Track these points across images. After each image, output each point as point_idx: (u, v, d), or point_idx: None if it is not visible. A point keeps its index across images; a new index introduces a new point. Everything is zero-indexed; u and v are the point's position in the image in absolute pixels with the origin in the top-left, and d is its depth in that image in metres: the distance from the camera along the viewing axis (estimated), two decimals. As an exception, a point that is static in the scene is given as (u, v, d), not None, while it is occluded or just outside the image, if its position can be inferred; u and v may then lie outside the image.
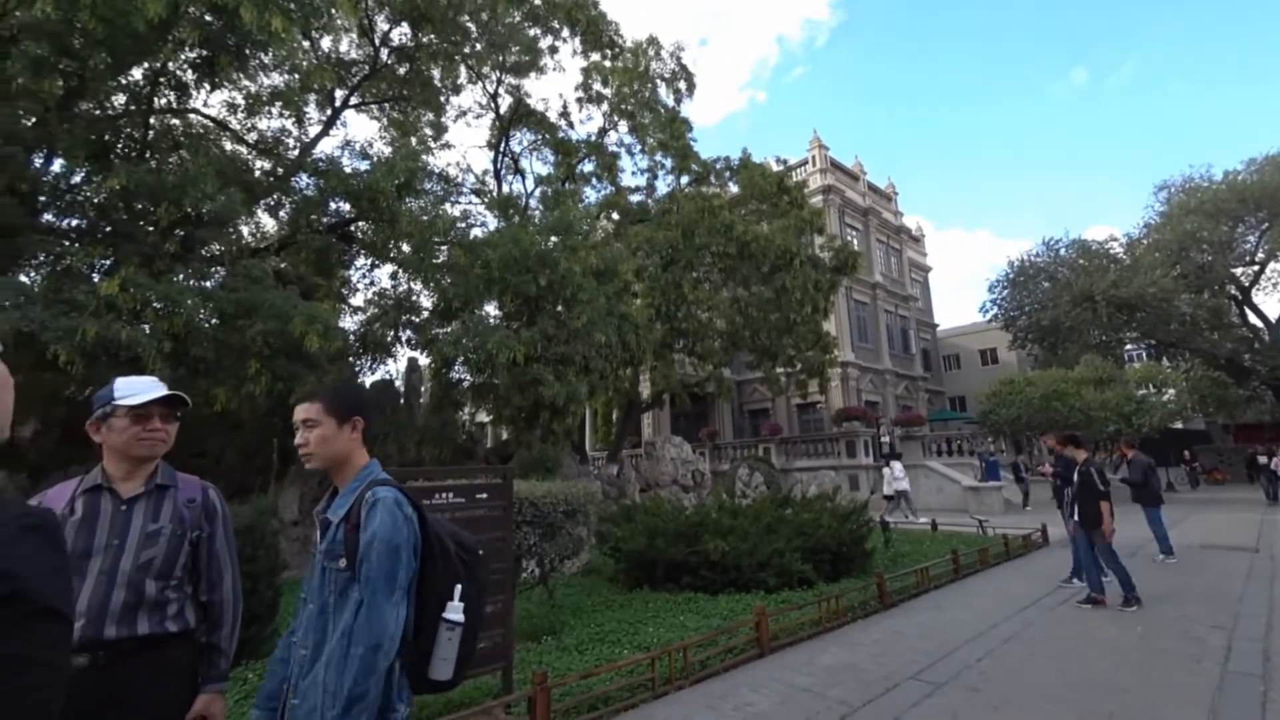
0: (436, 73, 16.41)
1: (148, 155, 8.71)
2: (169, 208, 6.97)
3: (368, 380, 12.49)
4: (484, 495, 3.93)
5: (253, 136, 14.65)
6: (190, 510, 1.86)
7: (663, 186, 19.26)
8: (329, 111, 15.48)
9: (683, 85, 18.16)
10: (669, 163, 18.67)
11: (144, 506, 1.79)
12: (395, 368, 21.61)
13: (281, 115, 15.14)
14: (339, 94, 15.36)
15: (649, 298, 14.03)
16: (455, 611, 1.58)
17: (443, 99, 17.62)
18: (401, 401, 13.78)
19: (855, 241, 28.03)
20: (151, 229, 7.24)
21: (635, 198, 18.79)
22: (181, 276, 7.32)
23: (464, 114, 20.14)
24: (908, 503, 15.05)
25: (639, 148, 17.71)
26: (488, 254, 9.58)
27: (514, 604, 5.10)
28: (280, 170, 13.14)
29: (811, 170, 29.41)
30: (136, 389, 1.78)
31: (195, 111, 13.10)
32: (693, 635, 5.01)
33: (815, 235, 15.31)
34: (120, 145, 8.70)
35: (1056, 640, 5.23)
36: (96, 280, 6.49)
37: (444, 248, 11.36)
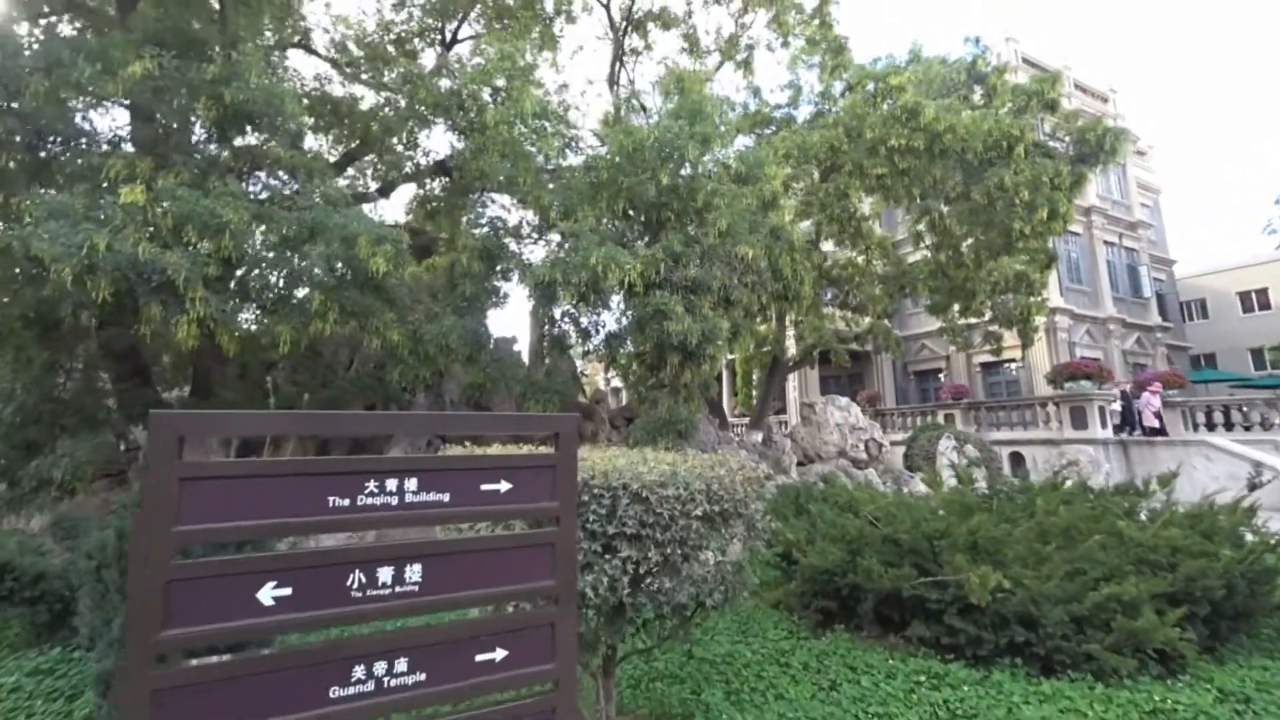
0: (549, -9, 14.77)
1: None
2: (207, 102, 5.64)
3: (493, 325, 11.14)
4: (503, 486, 1.57)
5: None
6: None
7: (807, 106, 15.63)
8: (440, 48, 14.90)
9: (836, -45, 14.19)
10: (815, 69, 14.93)
11: None
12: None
13: (400, 62, 14.87)
14: (449, 30, 14.82)
15: (803, 217, 10.85)
16: None
17: (557, 29, 16.07)
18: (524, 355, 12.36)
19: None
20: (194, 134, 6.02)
21: (778, 114, 15.49)
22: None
23: (581, 49, 18.38)
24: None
25: (779, 42, 14.17)
26: (594, 158, 7.32)
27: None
28: (396, 112, 12.47)
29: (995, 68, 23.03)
30: None
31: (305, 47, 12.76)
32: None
33: (1045, 115, 10.76)
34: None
35: None
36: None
37: (550, 168, 9.46)
